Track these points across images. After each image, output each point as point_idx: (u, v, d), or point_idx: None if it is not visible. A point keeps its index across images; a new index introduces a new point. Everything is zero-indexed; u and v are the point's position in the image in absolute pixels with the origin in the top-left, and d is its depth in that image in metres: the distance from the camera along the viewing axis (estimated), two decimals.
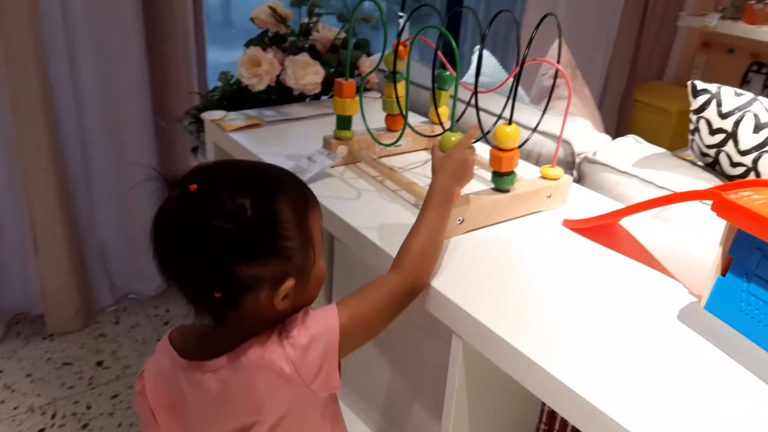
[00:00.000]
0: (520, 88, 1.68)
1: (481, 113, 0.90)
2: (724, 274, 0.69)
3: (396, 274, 0.74)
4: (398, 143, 1.07)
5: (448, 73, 1.08)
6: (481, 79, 1.78)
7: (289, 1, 1.48)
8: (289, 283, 0.65)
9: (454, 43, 0.82)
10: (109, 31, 1.72)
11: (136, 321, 1.93)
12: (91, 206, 1.88)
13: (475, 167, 0.85)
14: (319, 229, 0.70)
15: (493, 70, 1.79)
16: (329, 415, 0.73)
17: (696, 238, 0.85)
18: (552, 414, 0.91)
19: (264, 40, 1.47)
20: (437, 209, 0.77)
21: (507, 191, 0.89)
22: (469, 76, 1.86)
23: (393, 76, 1.04)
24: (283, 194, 0.66)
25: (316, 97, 1.46)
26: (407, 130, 1.12)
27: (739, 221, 0.66)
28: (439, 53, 1.02)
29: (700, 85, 1.04)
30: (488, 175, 0.93)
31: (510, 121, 0.85)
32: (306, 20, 1.50)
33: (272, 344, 0.65)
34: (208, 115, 1.27)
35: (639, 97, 3.03)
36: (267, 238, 0.64)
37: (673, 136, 2.82)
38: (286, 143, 1.16)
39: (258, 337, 0.66)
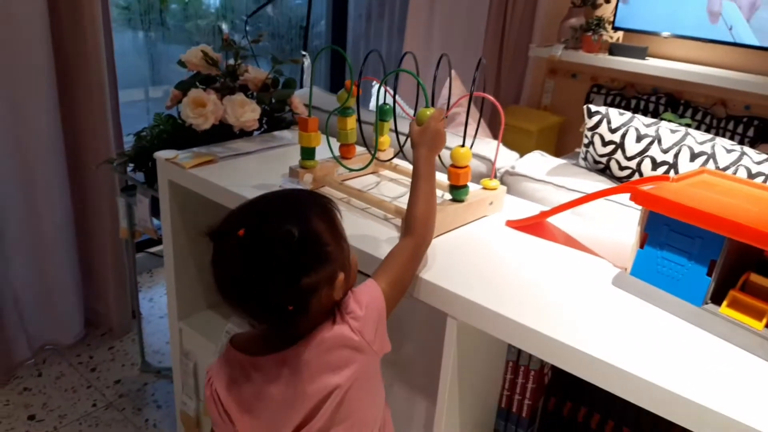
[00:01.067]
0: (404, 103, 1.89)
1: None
2: (642, 246, 0.93)
3: (411, 238, 0.91)
4: (357, 168, 1.23)
5: (388, 106, 1.25)
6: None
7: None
8: (341, 277, 0.79)
9: (422, 83, 1.00)
10: (19, 79, 1.71)
11: (60, 371, 1.88)
12: (3, 258, 1.82)
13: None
14: (342, 225, 0.84)
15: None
16: (380, 372, 0.88)
17: (608, 226, 1.10)
18: (515, 366, 1.09)
19: (196, 82, 1.57)
20: (426, 178, 0.94)
21: (462, 201, 1.08)
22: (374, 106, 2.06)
23: (356, 111, 1.20)
24: (311, 210, 0.80)
25: (249, 133, 1.58)
26: (358, 156, 1.28)
27: (651, 205, 0.89)
28: (398, 99, 1.20)
29: (593, 108, 1.31)
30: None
31: (463, 144, 1.05)
32: (232, 62, 1.61)
33: (338, 324, 0.80)
34: (162, 155, 1.33)
35: None
36: (315, 250, 0.77)
37: (536, 150, 3.23)
38: (246, 175, 1.27)
39: (324, 324, 0.80)
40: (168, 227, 1.37)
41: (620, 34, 3.30)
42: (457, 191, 1.07)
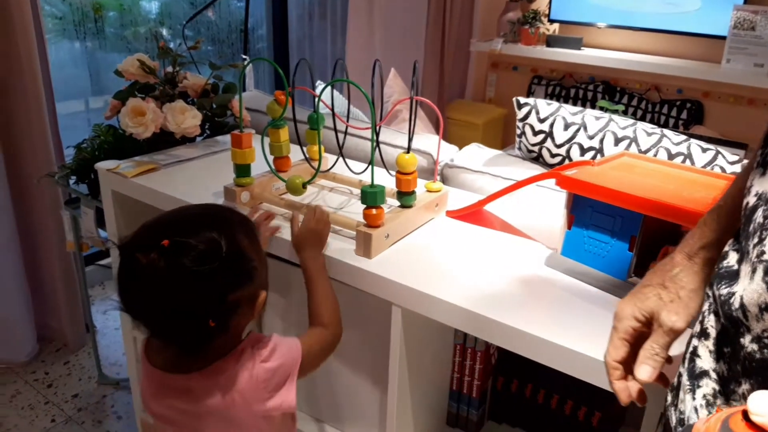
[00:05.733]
0: (356, 109, 1.93)
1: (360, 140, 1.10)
2: (570, 228, 0.98)
3: (327, 330, 0.92)
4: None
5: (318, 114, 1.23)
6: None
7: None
8: (263, 295, 0.80)
9: (364, 92, 1.01)
10: None
11: (16, 389, 1.85)
12: None
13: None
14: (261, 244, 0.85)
15: (340, 102, 2.03)
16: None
17: (540, 210, 1.15)
18: (462, 349, 1.14)
19: (134, 91, 1.56)
20: (320, 275, 0.95)
21: (411, 207, 1.09)
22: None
23: (304, 122, 1.19)
24: (235, 226, 0.80)
25: (192, 139, 1.58)
26: (295, 167, 1.26)
27: (574, 189, 0.95)
28: (324, 101, 1.19)
29: (522, 100, 1.37)
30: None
31: (408, 150, 1.06)
32: (170, 70, 1.61)
33: (245, 361, 0.80)
34: (103, 165, 1.33)
35: (449, 115, 3.48)
36: (241, 265, 0.77)
37: (481, 142, 3.31)
38: (189, 181, 1.28)
39: (232, 354, 0.80)
40: (114, 238, 1.37)
41: (556, 26, 3.40)
42: (406, 197, 1.08)
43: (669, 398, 0.62)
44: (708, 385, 0.54)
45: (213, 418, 0.79)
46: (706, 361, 0.56)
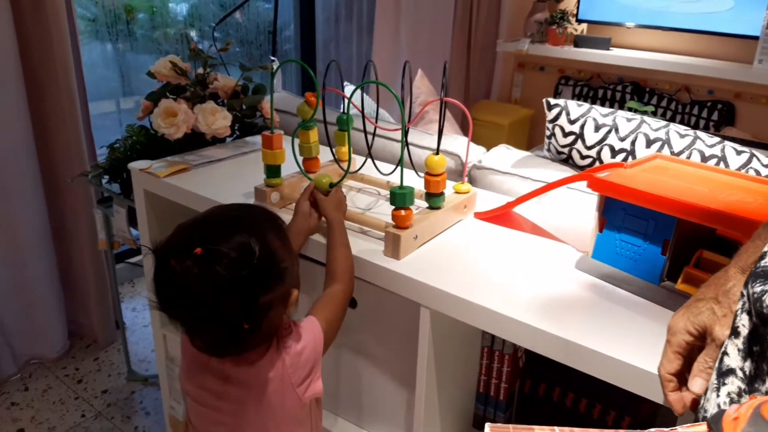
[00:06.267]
0: (382, 110, 1.93)
1: (388, 142, 1.10)
2: (601, 231, 0.97)
3: (340, 284, 0.94)
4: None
5: (347, 116, 1.24)
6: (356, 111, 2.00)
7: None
8: (295, 294, 0.81)
9: (395, 93, 1.02)
10: None
11: (47, 384, 1.89)
12: None
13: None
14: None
15: (367, 103, 2.04)
16: (312, 421, 0.91)
17: (570, 212, 1.14)
18: (490, 352, 1.14)
19: (166, 93, 1.59)
20: (341, 235, 1.00)
21: (440, 208, 1.09)
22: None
23: (330, 124, 1.20)
24: (266, 227, 0.81)
25: (222, 140, 1.60)
26: (324, 168, 1.27)
27: (607, 191, 0.94)
28: (354, 103, 1.20)
29: (553, 101, 1.36)
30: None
31: (437, 152, 1.06)
32: (201, 71, 1.63)
33: (271, 353, 0.82)
34: (136, 165, 1.36)
35: (474, 115, 3.47)
36: (272, 268, 0.78)
37: (507, 143, 3.29)
38: (220, 181, 1.29)
39: (261, 347, 0.82)
40: (146, 236, 1.40)
41: (584, 26, 3.37)
42: (434, 199, 1.08)
43: (701, 401, 0.61)
44: (733, 383, 0.55)
45: (250, 403, 0.82)
46: (734, 359, 0.56)
